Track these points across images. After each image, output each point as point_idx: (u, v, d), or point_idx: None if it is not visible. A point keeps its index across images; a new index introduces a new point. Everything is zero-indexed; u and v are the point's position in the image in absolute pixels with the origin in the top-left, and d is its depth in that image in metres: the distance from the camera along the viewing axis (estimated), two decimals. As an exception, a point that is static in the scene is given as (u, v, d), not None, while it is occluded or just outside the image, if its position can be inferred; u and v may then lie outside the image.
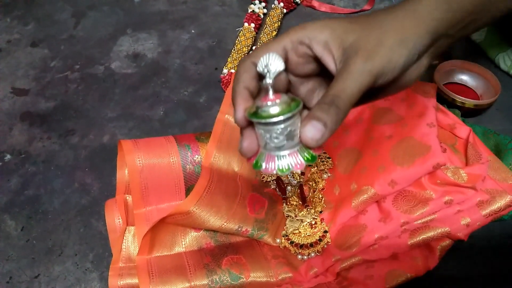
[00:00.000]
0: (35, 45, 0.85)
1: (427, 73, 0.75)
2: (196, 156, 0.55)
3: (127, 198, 0.56)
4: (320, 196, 0.58)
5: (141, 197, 0.53)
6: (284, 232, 0.56)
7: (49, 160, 0.66)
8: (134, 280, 0.50)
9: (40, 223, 0.59)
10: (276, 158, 0.32)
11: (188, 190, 0.55)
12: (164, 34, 0.86)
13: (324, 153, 0.62)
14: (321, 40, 0.33)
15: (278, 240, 0.55)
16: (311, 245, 0.54)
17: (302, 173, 0.60)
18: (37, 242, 0.58)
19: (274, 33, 0.82)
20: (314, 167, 0.60)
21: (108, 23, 0.89)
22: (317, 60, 0.34)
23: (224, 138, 0.56)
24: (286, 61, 0.35)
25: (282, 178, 0.60)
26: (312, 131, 0.30)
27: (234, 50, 0.78)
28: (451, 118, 0.59)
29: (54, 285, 0.54)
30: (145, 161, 0.54)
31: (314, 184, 0.59)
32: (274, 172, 0.32)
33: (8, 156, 0.67)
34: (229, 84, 0.71)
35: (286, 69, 0.35)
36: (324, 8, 0.90)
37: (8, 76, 0.80)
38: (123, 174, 0.57)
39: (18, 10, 0.93)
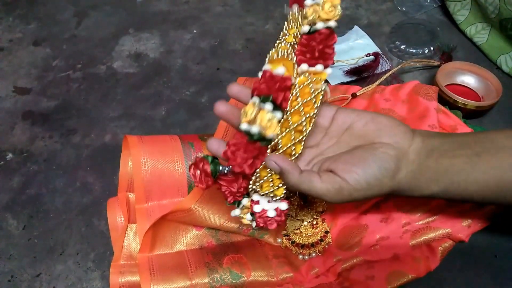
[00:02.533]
0: (37, 44, 0.85)
1: (429, 74, 0.75)
2: (199, 153, 0.56)
3: (129, 195, 0.56)
4: (322, 196, 0.58)
5: (144, 192, 0.53)
6: (285, 231, 0.56)
7: (51, 159, 0.67)
8: (135, 278, 0.50)
9: (42, 222, 0.59)
10: None
11: (190, 187, 0.55)
12: (166, 34, 0.86)
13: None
14: None
15: (279, 240, 0.55)
16: (312, 245, 0.54)
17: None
18: (39, 241, 0.58)
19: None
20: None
21: (110, 23, 0.90)
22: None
23: (228, 137, 0.56)
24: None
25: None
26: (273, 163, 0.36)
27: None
28: (452, 119, 0.59)
29: (55, 284, 0.54)
30: (149, 156, 0.54)
31: (315, 185, 0.59)
32: None
33: (10, 155, 0.67)
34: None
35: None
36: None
37: (10, 75, 0.80)
38: (126, 171, 0.57)
39: (20, 9, 0.93)
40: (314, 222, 0.56)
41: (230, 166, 0.37)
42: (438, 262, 0.50)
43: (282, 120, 0.38)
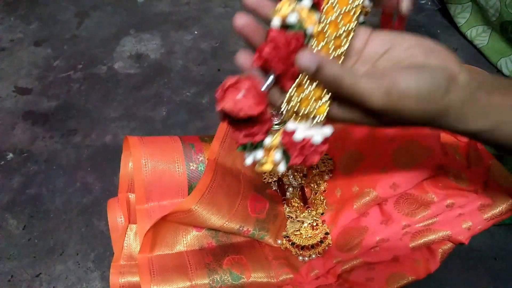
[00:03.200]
0: (38, 45, 0.86)
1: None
2: (200, 154, 0.56)
3: (130, 196, 0.56)
4: (322, 198, 0.58)
5: (144, 192, 0.53)
6: (285, 233, 0.56)
7: (51, 160, 0.67)
8: (135, 278, 0.50)
9: (42, 222, 0.59)
10: None
11: (190, 188, 0.55)
12: (167, 35, 0.86)
13: (326, 154, 0.62)
14: None
15: (279, 241, 0.55)
16: (312, 246, 0.54)
17: (304, 175, 0.60)
18: (39, 241, 0.58)
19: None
20: (315, 169, 0.60)
21: (111, 24, 0.90)
22: None
23: (229, 138, 0.56)
24: None
25: (283, 179, 0.60)
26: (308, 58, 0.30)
27: None
28: (453, 121, 0.59)
29: (55, 284, 0.54)
30: (150, 157, 0.54)
31: (315, 186, 0.59)
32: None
33: (11, 155, 0.67)
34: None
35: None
36: None
37: (11, 75, 0.80)
38: (126, 171, 0.57)
39: (21, 9, 0.93)
40: (314, 224, 0.56)
41: (270, 80, 0.31)
42: (438, 264, 0.51)
43: (317, 31, 0.32)
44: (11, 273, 0.55)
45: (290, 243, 0.55)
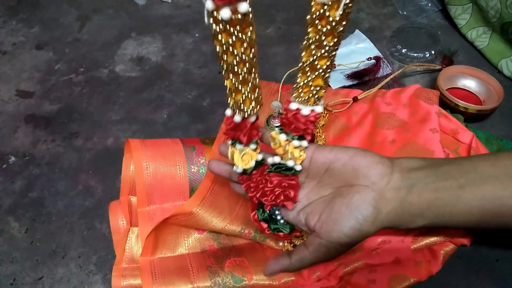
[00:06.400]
0: (40, 48, 0.86)
1: (430, 78, 0.75)
2: (201, 157, 0.56)
3: (131, 199, 0.57)
4: (323, 200, 0.58)
5: (146, 195, 0.54)
6: (286, 235, 0.56)
7: (53, 163, 0.67)
8: (137, 281, 0.50)
9: (44, 225, 0.60)
10: None
11: (192, 191, 0.55)
12: (168, 38, 0.87)
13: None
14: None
15: (280, 244, 0.55)
16: (314, 248, 0.54)
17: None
18: (41, 244, 0.58)
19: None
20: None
21: (113, 27, 0.90)
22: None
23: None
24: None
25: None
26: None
27: None
28: (454, 123, 0.59)
29: (57, 287, 0.54)
30: (151, 159, 0.54)
31: (317, 188, 0.59)
32: None
33: (13, 158, 0.68)
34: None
35: None
36: None
37: (13, 79, 0.80)
38: (128, 174, 0.57)
39: (23, 13, 0.94)
40: (316, 226, 0.56)
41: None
42: (440, 266, 0.51)
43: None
44: (14, 276, 0.55)
45: (291, 245, 0.55)
